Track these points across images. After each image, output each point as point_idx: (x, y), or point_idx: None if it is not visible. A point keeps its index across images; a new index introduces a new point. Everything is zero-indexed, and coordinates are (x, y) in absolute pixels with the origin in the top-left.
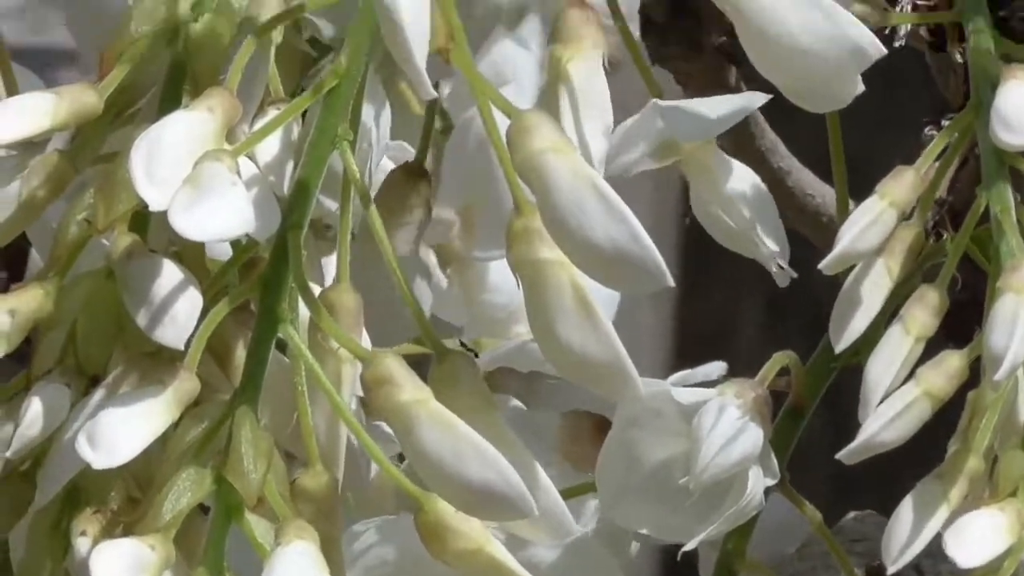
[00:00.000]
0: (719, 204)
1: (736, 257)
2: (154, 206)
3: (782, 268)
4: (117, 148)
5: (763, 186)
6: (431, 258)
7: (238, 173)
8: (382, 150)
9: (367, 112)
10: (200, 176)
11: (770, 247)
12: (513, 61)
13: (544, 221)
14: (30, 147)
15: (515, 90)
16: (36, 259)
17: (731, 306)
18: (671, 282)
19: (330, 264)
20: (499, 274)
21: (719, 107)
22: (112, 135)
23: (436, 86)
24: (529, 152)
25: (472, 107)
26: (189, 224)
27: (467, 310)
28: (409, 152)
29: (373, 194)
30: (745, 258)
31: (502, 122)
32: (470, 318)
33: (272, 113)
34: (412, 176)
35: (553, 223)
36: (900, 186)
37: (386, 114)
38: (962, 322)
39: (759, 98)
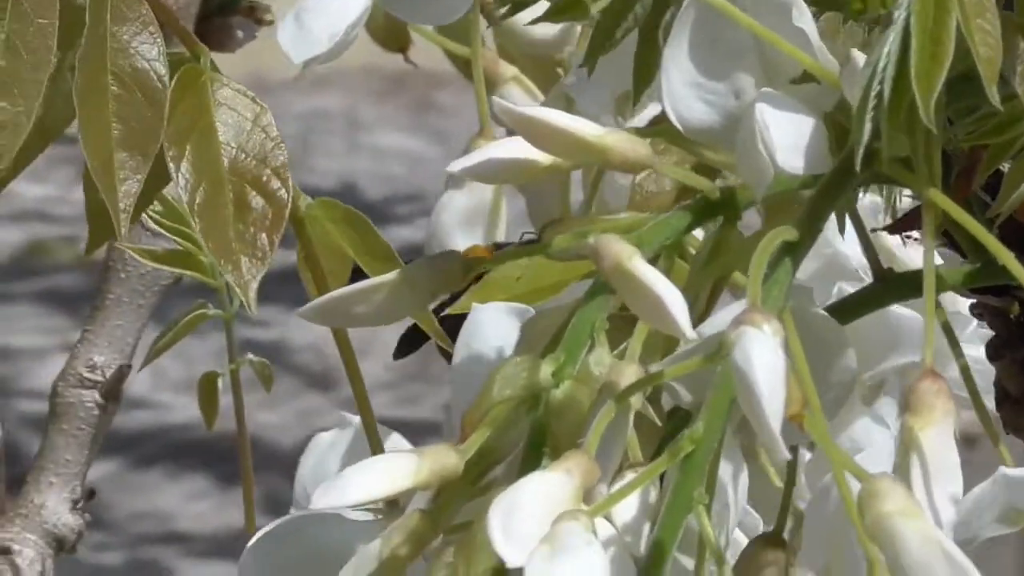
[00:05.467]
0: None
1: None
2: (511, 563)
3: None
4: (473, 517)
5: None
6: None
7: (594, 533)
8: (739, 512)
9: (724, 471)
10: (557, 535)
11: None
12: (869, 436)
13: None
14: (392, 506)
15: (869, 457)
16: None
17: None
18: None
19: None
20: None
21: None
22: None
23: (795, 450)
24: (878, 515)
25: (829, 473)
26: None
27: None
28: (752, 515)
29: (728, 554)
30: None
31: (856, 488)
32: None
33: (630, 476)
34: (769, 546)
35: None
36: None
37: (743, 476)
38: None
39: None
